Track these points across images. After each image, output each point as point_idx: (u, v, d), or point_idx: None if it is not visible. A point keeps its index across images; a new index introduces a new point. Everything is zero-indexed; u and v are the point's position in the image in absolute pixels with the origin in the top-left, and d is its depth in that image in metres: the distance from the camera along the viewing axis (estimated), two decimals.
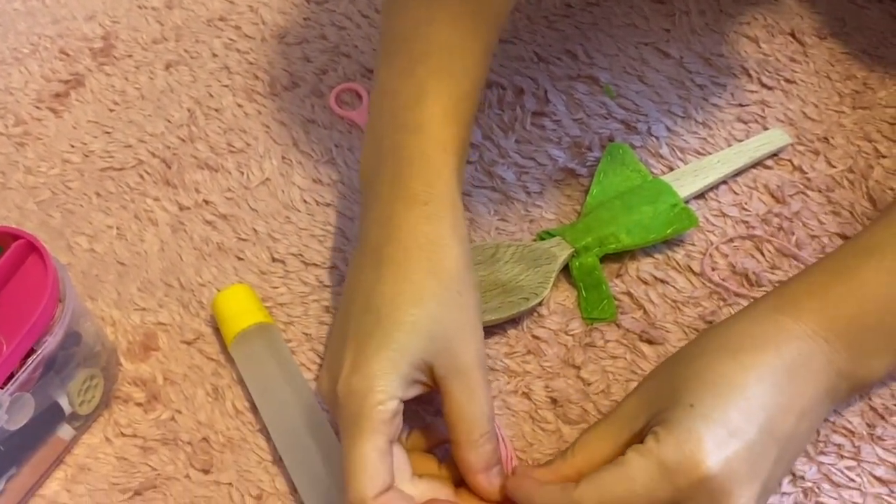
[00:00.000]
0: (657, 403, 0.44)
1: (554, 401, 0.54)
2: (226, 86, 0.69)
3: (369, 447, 0.42)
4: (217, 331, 0.58)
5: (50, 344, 0.48)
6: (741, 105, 0.66)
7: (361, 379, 0.43)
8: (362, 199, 0.50)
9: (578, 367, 0.55)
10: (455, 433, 0.45)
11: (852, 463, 0.51)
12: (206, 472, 0.53)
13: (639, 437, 0.43)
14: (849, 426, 0.52)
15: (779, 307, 0.46)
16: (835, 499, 0.50)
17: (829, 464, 0.51)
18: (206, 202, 0.63)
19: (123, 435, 0.54)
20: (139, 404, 0.55)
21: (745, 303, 0.57)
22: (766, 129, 0.64)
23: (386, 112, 0.51)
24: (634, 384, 0.54)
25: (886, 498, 0.50)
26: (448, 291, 0.46)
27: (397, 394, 0.43)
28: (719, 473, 0.41)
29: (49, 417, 0.51)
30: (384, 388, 0.43)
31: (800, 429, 0.44)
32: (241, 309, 0.56)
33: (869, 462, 0.51)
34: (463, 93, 0.51)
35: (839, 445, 0.51)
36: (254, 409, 0.54)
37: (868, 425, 0.52)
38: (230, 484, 0.52)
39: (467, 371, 0.45)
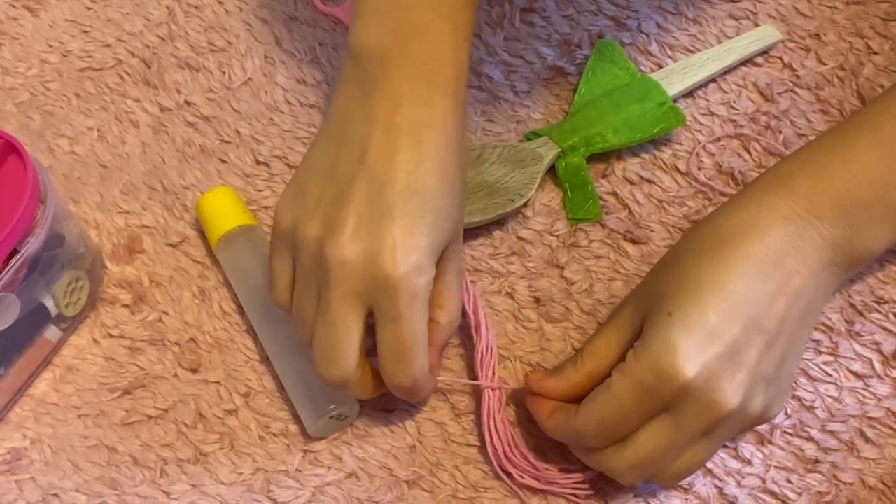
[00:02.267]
0: (645, 308, 0.45)
1: (537, 300, 0.54)
2: None
3: (424, 328, 0.45)
4: (202, 234, 0.58)
5: (33, 245, 0.48)
6: (732, 1, 0.64)
7: (416, 266, 0.44)
8: (365, 68, 0.47)
9: (562, 268, 0.55)
10: (439, 313, 0.48)
11: (829, 358, 0.52)
12: (194, 371, 0.53)
13: (636, 340, 0.45)
14: (828, 322, 0.53)
15: (768, 188, 0.46)
16: (811, 392, 0.51)
17: (806, 359, 0.52)
18: (188, 103, 0.62)
19: (111, 336, 0.55)
20: (126, 306, 0.56)
21: None
22: (757, 25, 0.63)
23: None
24: (618, 283, 0.55)
25: (862, 392, 0.51)
26: (463, 184, 0.48)
27: (434, 274, 0.45)
28: (698, 377, 0.42)
29: (35, 319, 0.51)
30: (431, 274, 0.45)
31: (794, 310, 0.44)
32: (225, 211, 0.56)
33: (846, 357, 0.52)
34: None
35: (817, 341, 0.52)
36: (240, 310, 0.55)
37: (847, 321, 0.53)
38: (218, 382, 0.53)
39: (461, 258, 0.49)
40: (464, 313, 0.51)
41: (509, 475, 0.49)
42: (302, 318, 0.46)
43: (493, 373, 0.51)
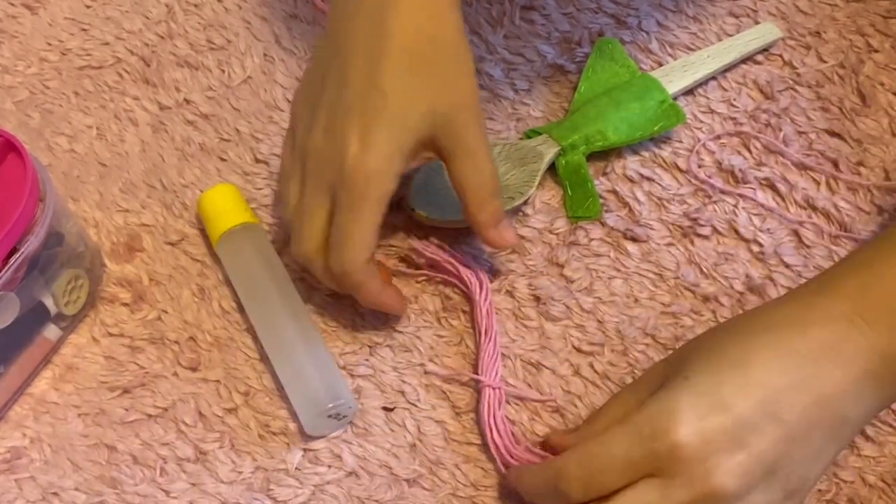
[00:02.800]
0: (668, 373, 0.44)
1: (537, 298, 0.54)
2: None
3: (371, 222, 0.47)
4: (202, 232, 0.58)
5: (32, 243, 0.48)
6: None
7: (372, 159, 0.45)
8: None
9: (562, 266, 0.55)
10: (464, 199, 0.49)
11: None
12: (193, 369, 0.53)
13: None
14: None
15: (819, 289, 0.44)
16: None
17: None
18: (187, 101, 0.62)
19: (110, 335, 0.55)
20: (125, 304, 0.55)
21: (730, 200, 0.57)
22: (757, 23, 0.63)
23: None
24: (618, 281, 0.55)
25: None
26: (450, 70, 0.47)
27: (399, 172, 0.47)
28: (692, 442, 0.40)
29: (35, 318, 0.51)
30: (391, 170, 0.46)
31: (821, 414, 0.41)
32: (226, 208, 0.56)
33: None
34: None
35: None
36: (240, 308, 0.55)
37: None
38: (218, 381, 0.53)
39: (470, 145, 0.48)
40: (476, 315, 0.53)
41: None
42: (285, 199, 0.51)
43: (497, 373, 0.51)
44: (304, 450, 0.51)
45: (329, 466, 0.50)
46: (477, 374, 0.51)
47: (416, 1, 0.46)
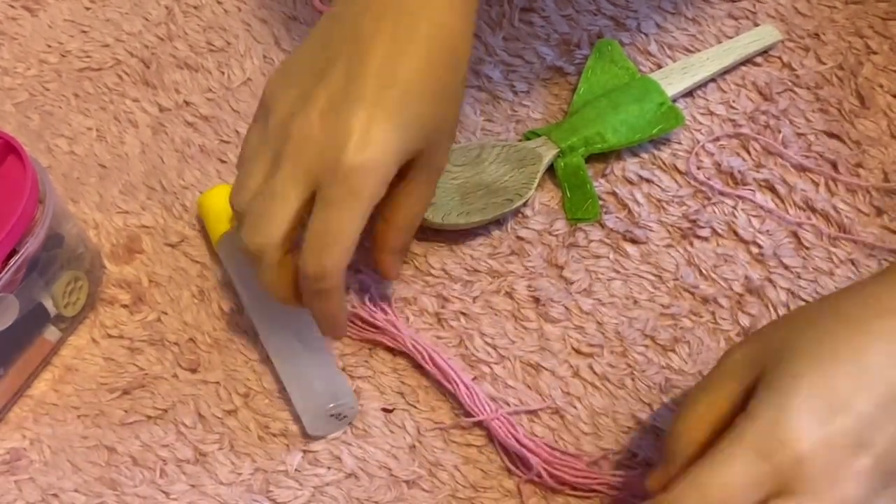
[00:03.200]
0: (764, 361, 0.40)
1: (536, 300, 0.54)
2: None
3: (359, 224, 0.43)
4: (201, 233, 0.58)
5: (32, 245, 0.48)
6: (732, 1, 0.64)
7: (373, 157, 0.42)
8: None
9: (561, 267, 0.55)
10: (394, 215, 0.48)
11: None
12: (193, 371, 0.53)
13: (747, 393, 0.39)
14: None
15: None
16: None
17: None
18: (187, 103, 0.62)
19: (110, 336, 0.55)
20: (125, 306, 0.56)
21: (729, 202, 0.57)
22: (756, 25, 0.63)
23: None
24: (617, 283, 0.55)
25: None
26: (455, 94, 0.46)
27: (390, 179, 0.44)
28: (817, 451, 0.36)
29: (34, 319, 0.51)
30: (388, 173, 0.43)
31: None
32: (226, 209, 0.55)
33: None
34: None
35: None
36: (240, 310, 0.55)
37: None
38: (217, 383, 0.53)
39: (437, 169, 0.47)
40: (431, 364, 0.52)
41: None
42: (245, 181, 0.45)
43: (486, 405, 0.51)
44: (304, 451, 0.51)
45: (328, 468, 0.50)
46: (469, 414, 0.51)
47: (444, 21, 0.44)
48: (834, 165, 0.58)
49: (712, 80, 0.61)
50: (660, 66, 0.62)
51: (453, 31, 0.45)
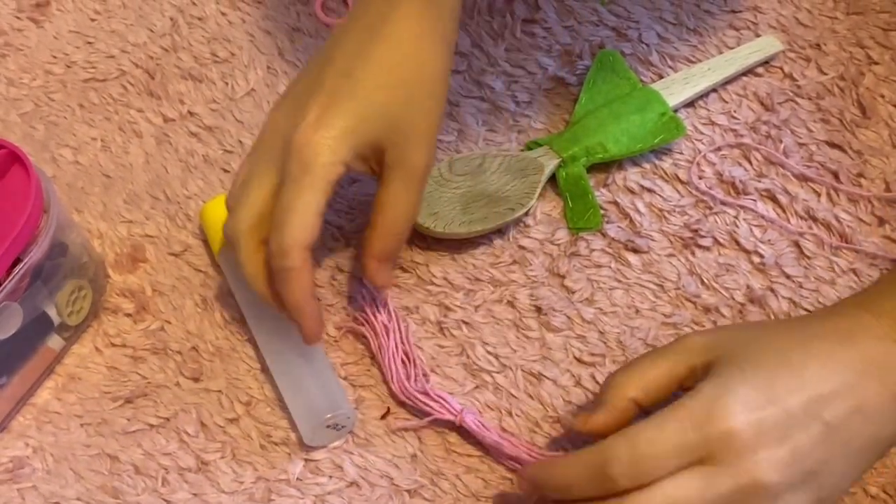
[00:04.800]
0: (717, 352, 0.44)
1: (538, 309, 0.54)
2: None
3: (313, 200, 0.46)
4: (204, 243, 0.58)
5: (36, 254, 0.49)
6: (733, 11, 0.64)
7: (323, 135, 0.46)
8: None
9: (563, 276, 0.55)
10: (376, 220, 0.49)
11: None
12: (195, 379, 0.54)
13: (695, 376, 0.44)
14: None
15: (862, 304, 0.45)
16: None
17: None
18: (191, 113, 0.63)
19: (113, 345, 0.55)
20: (128, 315, 0.56)
21: (731, 211, 0.57)
22: (757, 35, 0.63)
23: None
24: (619, 292, 0.55)
25: None
26: (422, 93, 0.48)
27: (347, 160, 0.46)
28: (745, 430, 0.40)
29: (38, 328, 0.52)
30: (339, 151, 0.46)
31: (861, 426, 0.42)
32: None
33: None
34: None
35: None
36: (242, 319, 0.55)
37: None
38: (220, 391, 0.53)
39: (413, 170, 0.48)
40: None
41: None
42: (235, 179, 0.50)
43: (452, 404, 0.51)
44: (306, 460, 0.51)
45: (330, 477, 0.50)
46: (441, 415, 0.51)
47: (415, 27, 0.47)
48: (835, 175, 0.58)
49: (714, 90, 0.61)
50: (661, 77, 0.62)
51: (421, 32, 0.47)
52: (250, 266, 0.48)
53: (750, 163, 0.59)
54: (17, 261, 0.48)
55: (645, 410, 0.45)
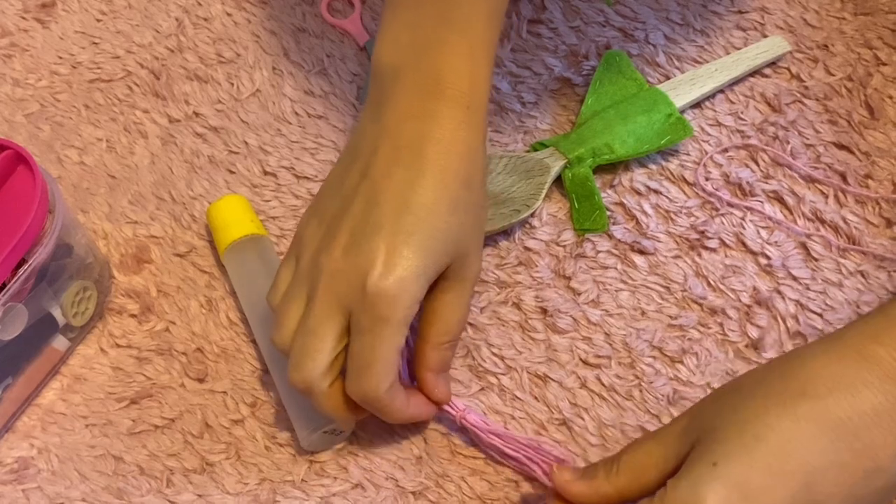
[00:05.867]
0: (697, 435, 0.41)
1: (544, 311, 0.54)
2: None
3: (394, 346, 0.44)
4: (210, 244, 0.58)
5: (41, 255, 0.49)
6: (740, 12, 0.64)
7: (396, 282, 0.43)
8: (381, 84, 0.48)
9: (569, 278, 0.55)
10: (429, 331, 0.48)
11: None
12: (200, 381, 0.53)
13: (677, 462, 0.41)
14: None
15: (873, 334, 0.39)
16: None
17: None
18: (196, 114, 0.63)
19: (118, 346, 0.55)
20: (133, 316, 0.56)
21: (738, 213, 0.57)
22: (765, 36, 0.63)
23: (424, 2, 0.48)
24: (625, 294, 0.55)
25: None
26: (475, 204, 0.47)
27: (421, 298, 0.45)
28: None
29: (43, 328, 0.52)
30: (415, 294, 0.44)
31: (863, 489, 0.38)
32: (234, 219, 0.56)
33: None
34: None
35: None
36: (247, 320, 0.55)
37: None
38: (225, 392, 0.53)
39: (467, 281, 0.48)
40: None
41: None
42: (283, 321, 0.46)
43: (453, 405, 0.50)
44: (311, 462, 0.51)
45: (335, 478, 0.50)
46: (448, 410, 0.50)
47: (460, 145, 0.46)
48: (843, 177, 0.58)
49: (720, 91, 0.61)
50: (668, 78, 0.62)
51: (464, 145, 0.46)
52: (332, 405, 0.46)
53: (757, 164, 0.58)
54: (23, 261, 0.48)
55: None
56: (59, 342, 0.53)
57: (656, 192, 0.58)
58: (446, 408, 0.50)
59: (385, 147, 0.46)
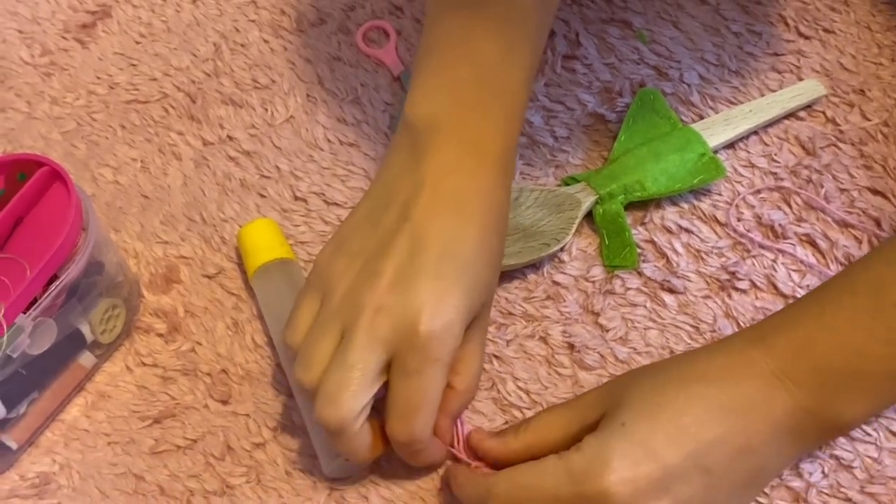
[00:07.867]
0: (607, 406, 0.45)
1: (571, 346, 0.54)
2: (252, 20, 0.69)
3: (440, 389, 0.46)
4: (239, 266, 0.58)
5: (72, 271, 0.49)
6: (776, 54, 0.64)
7: (447, 325, 0.45)
8: (416, 135, 0.49)
9: (597, 314, 0.55)
10: (458, 377, 0.48)
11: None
12: (224, 402, 0.53)
13: (589, 430, 0.45)
14: None
15: (753, 340, 0.46)
16: (849, 452, 0.50)
17: None
18: (230, 138, 0.63)
19: (144, 364, 0.55)
20: (160, 335, 0.56)
21: (769, 255, 0.56)
22: (800, 79, 0.63)
23: (463, 61, 0.50)
24: (653, 332, 0.54)
25: None
26: (500, 256, 0.50)
27: (461, 340, 0.46)
28: (621, 490, 0.42)
29: (71, 344, 0.52)
30: (459, 338, 0.46)
31: (743, 465, 0.44)
32: (264, 243, 0.56)
33: (886, 417, 0.51)
34: (538, 48, 0.52)
35: None
36: (272, 343, 0.55)
37: None
38: (247, 415, 0.53)
39: (485, 329, 0.50)
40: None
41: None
42: (310, 358, 0.46)
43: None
44: (331, 489, 0.50)
45: None
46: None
47: (492, 195, 0.48)
48: (877, 222, 0.57)
49: (754, 132, 0.61)
50: (701, 117, 0.62)
51: (499, 202, 0.49)
52: (359, 446, 0.46)
53: (790, 206, 0.58)
54: (54, 277, 0.49)
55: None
56: (86, 359, 0.53)
57: (687, 231, 0.57)
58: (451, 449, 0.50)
59: (426, 194, 0.47)
